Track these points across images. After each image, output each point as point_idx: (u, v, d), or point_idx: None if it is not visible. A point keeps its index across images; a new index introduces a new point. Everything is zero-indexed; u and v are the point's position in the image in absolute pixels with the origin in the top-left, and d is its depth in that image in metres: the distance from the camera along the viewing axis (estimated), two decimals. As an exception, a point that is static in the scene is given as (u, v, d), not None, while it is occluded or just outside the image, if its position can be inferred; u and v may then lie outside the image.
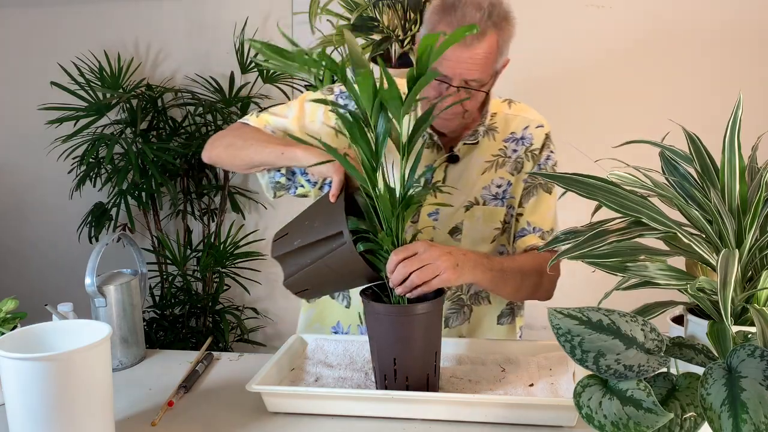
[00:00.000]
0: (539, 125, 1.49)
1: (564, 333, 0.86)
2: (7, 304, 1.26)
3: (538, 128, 1.49)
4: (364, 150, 1.12)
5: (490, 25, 1.28)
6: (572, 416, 1.09)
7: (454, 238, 1.45)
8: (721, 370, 0.79)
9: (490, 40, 1.28)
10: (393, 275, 1.15)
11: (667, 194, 0.93)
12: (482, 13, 1.27)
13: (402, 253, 1.15)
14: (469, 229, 1.45)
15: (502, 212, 1.46)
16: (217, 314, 2.69)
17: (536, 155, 1.48)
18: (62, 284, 2.68)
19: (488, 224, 1.46)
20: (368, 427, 1.11)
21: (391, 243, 1.16)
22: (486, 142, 1.46)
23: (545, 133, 1.49)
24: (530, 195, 1.47)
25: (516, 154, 1.47)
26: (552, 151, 1.50)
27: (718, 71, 2.49)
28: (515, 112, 1.50)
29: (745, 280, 0.92)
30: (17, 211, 3.00)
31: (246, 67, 2.63)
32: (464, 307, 1.48)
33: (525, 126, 1.49)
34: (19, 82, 2.88)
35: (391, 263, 1.15)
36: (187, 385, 1.26)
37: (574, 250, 0.91)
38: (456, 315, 1.48)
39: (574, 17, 2.51)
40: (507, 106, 1.51)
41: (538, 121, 1.50)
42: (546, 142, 1.49)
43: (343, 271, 1.19)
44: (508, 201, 1.46)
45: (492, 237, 1.46)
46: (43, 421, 0.96)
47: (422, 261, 1.15)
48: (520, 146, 1.47)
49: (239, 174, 2.82)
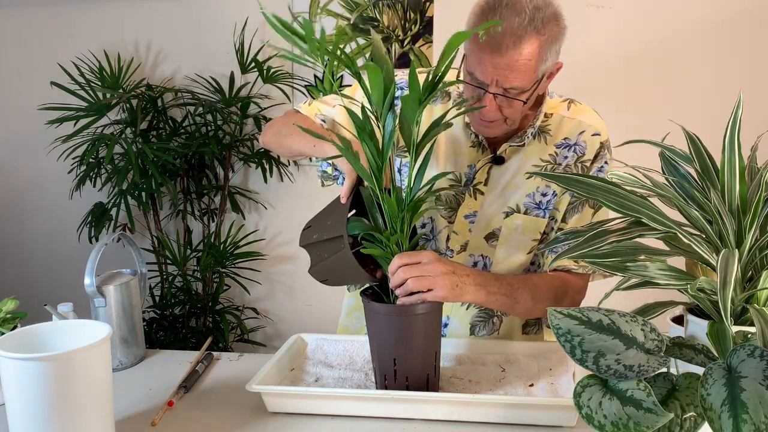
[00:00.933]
0: (596, 133, 1.37)
1: (564, 333, 0.86)
2: (7, 304, 1.26)
3: (594, 136, 1.37)
4: (371, 148, 1.12)
5: (531, 30, 1.19)
6: (572, 416, 1.09)
7: (489, 244, 1.39)
8: (721, 370, 0.79)
9: (530, 46, 1.19)
10: (393, 277, 1.15)
11: (667, 194, 0.93)
12: (522, 17, 1.18)
13: (406, 258, 1.15)
14: (505, 237, 1.38)
15: (543, 223, 1.38)
16: (217, 314, 2.69)
17: (586, 167, 1.37)
18: (62, 284, 2.67)
19: (527, 234, 1.38)
20: (368, 427, 1.11)
21: (396, 243, 1.16)
22: (536, 146, 1.37)
23: (600, 141, 1.37)
24: (575, 211, 1.38)
25: (566, 161, 1.37)
26: (606, 162, 1.38)
27: (718, 71, 2.49)
28: (572, 115, 1.39)
29: (745, 280, 0.92)
30: (17, 211, 3.00)
31: (246, 67, 2.63)
32: (493, 317, 1.43)
33: (580, 132, 1.37)
34: (19, 82, 2.88)
35: (393, 265, 1.15)
36: (187, 385, 1.26)
37: (574, 250, 0.91)
38: (483, 323, 1.43)
39: (574, 17, 2.50)
40: (566, 107, 1.40)
41: (595, 128, 1.38)
42: (600, 152, 1.37)
43: (346, 271, 1.20)
44: (551, 212, 1.38)
45: (529, 248, 1.39)
46: (43, 421, 0.96)
47: (422, 271, 1.14)
48: (571, 153, 1.37)
49: (239, 174, 2.83)
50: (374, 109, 1.11)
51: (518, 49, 1.19)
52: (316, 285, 1.33)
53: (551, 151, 1.37)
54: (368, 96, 1.11)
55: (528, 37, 1.19)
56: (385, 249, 1.16)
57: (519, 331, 1.46)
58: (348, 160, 1.13)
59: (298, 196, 2.81)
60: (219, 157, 2.68)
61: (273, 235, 2.87)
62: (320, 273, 1.27)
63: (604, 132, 1.39)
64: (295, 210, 2.82)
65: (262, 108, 2.72)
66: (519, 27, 1.18)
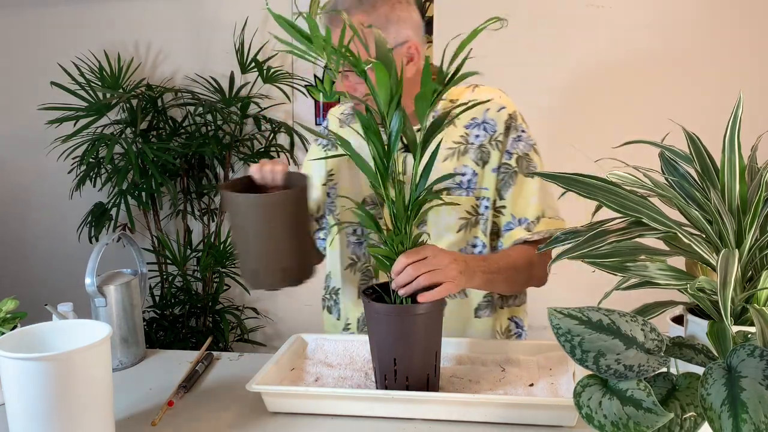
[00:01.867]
0: (501, 107, 1.41)
1: (564, 333, 0.86)
2: (7, 304, 1.26)
3: (500, 111, 1.41)
4: (377, 147, 1.12)
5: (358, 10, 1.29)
6: (572, 416, 1.09)
7: (420, 230, 1.43)
8: (721, 370, 0.79)
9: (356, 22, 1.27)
10: (399, 276, 1.15)
11: (667, 194, 0.93)
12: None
13: (412, 256, 1.15)
14: (433, 220, 1.42)
15: (468, 201, 1.42)
16: (217, 314, 2.69)
17: (501, 142, 1.40)
18: (62, 284, 2.67)
19: (452, 214, 1.42)
20: (368, 427, 1.12)
21: (400, 243, 1.17)
22: (445, 130, 1.38)
23: (508, 113, 1.41)
24: (508, 185, 1.41)
25: (479, 140, 1.41)
26: (523, 130, 1.42)
27: (718, 71, 2.49)
28: (477, 96, 1.42)
29: (745, 280, 0.92)
30: (17, 211, 3.00)
31: (246, 67, 2.63)
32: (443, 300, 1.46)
33: (485, 109, 1.41)
34: (19, 82, 2.88)
35: (400, 264, 1.15)
36: (187, 385, 1.26)
37: (574, 250, 0.91)
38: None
39: (574, 17, 2.51)
40: (470, 91, 1.44)
41: (500, 103, 1.41)
42: (510, 123, 1.41)
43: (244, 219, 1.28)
44: (475, 192, 1.41)
45: (457, 227, 1.42)
46: (43, 421, 0.96)
47: (432, 266, 1.15)
48: (482, 132, 1.41)
49: (239, 174, 2.83)
50: (381, 109, 1.11)
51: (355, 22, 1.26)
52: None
53: (461, 133, 1.42)
54: (374, 95, 1.11)
55: (356, 14, 1.29)
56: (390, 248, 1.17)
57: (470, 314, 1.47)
58: (353, 159, 1.15)
59: (298, 196, 2.80)
60: (219, 157, 2.68)
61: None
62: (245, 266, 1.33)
63: (509, 105, 1.43)
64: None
65: (262, 108, 2.72)
66: (351, 6, 1.30)
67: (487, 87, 1.46)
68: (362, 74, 1.10)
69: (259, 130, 2.69)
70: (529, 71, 2.49)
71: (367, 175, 1.15)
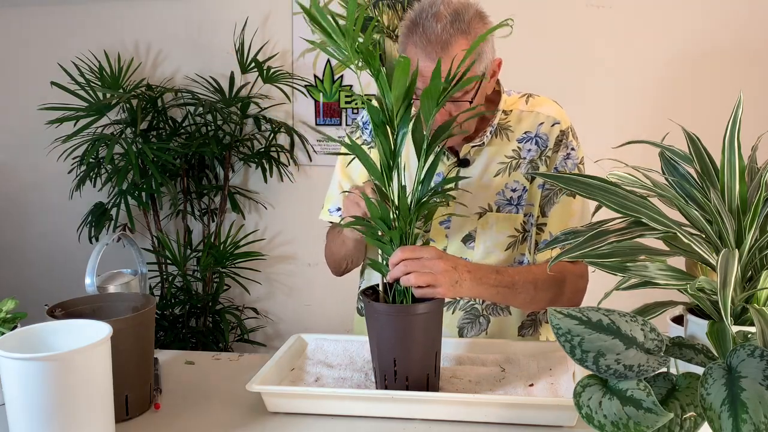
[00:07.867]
0: (555, 122, 1.39)
1: (564, 333, 0.86)
2: (7, 304, 1.26)
3: (554, 126, 1.39)
4: (384, 145, 1.12)
5: (455, 32, 1.22)
6: (572, 416, 1.09)
7: (467, 246, 1.41)
8: (721, 370, 0.79)
9: (458, 48, 1.22)
10: (393, 270, 1.16)
11: (667, 194, 0.93)
12: (444, 23, 1.23)
13: (409, 252, 1.15)
14: (482, 237, 1.40)
15: (517, 219, 1.39)
16: (217, 314, 2.69)
17: (550, 158, 1.38)
18: (62, 284, 2.67)
19: (502, 231, 1.39)
20: (368, 427, 1.11)
21: (399, 239, 1.17)
22: (498, 143, 1.39)
23: (561, 129, 1.39)
24: (551, 203, 1.39)
25: (530, 155, 1.38)
26: (573, 148, 1.39)
27: (718, 71, 2.49)
28: (530, 108, 1.41)
29: (745, 280, 0.92)
30: (17, 211, 3.00)
31: (246, 67, 2.63)
32: (479, 317, 1.44)
33: (539, 123, 1.39)
34: (19, 82, 2.88)
35: (395, 257, 1.15)
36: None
37: (574, 250, 0.91)
38: (471, 325, 1.44)
39: (574, 17, 2.51)
40: (524, 101, 1.42)
41: (553, 118, 1.39)
42: (561, 139, 1.38)
43: None
44: (525, 208, 1.39)
45: (506, 245, 1.40)
46: (43, 421, 0.96)
47: (424, 267, 1.15)
48: (534, 147, 1.39)
49: (239, 174, 2.83)
50: (390, 107, 1.11)
51: (447, 53, 1.22)
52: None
53: (514, 147, 1.40)
54: (384, 94, 1.10)
55: (454, 39, 1.23)
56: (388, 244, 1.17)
57: (514, 332, 1.46)
58: (360, 159, 1.15)
59: (298, 196, 2.81)
60: (219, 157, 2.68)
61: (273, 235, 2.87)
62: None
63: (563, 120, 1.40)
64: (295, 210, 2.82)
65: (262, 108, 2.72)
66: (443, 32, 1.22)
67: (541, 97, 1.44)
68: (375, 73, 1.10)
69: (259, 130, 2.69)
70: (529, 70, 2.49)
71: (373, 174, 1.15)
